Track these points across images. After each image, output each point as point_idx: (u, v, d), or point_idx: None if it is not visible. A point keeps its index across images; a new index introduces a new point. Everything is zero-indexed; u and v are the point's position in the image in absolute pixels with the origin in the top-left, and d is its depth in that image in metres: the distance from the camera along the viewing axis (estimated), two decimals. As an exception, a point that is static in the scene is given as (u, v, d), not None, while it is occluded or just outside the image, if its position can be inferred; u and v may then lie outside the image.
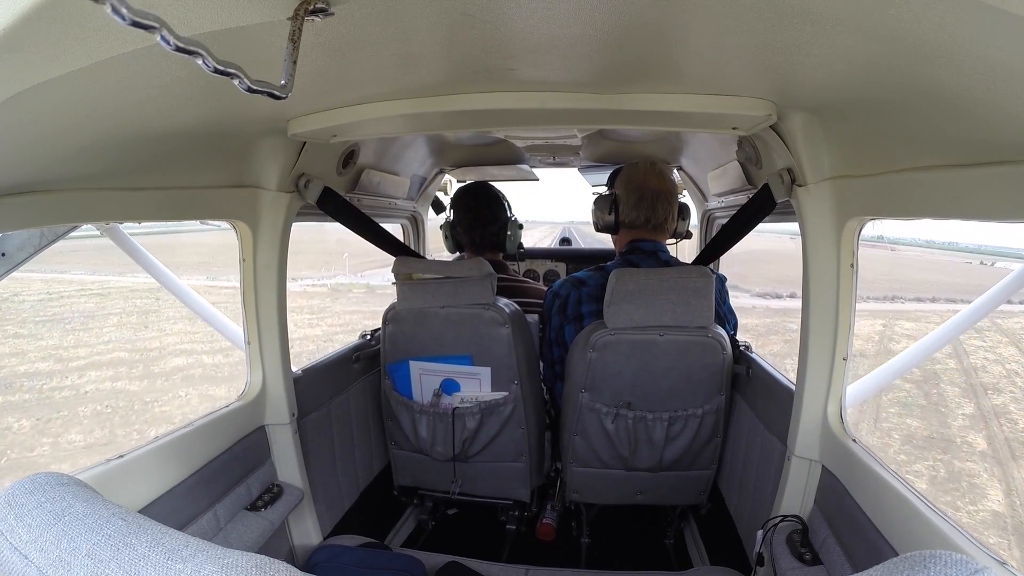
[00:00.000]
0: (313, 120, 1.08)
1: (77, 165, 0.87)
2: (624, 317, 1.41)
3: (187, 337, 14.26)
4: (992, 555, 0.75)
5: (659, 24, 0.62)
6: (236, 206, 1.29)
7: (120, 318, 16.99)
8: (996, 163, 0.68)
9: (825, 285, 1.13)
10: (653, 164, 1.66)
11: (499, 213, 1.96)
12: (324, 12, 0.50)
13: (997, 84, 0.53)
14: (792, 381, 1.32)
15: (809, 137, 1.05)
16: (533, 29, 0.65)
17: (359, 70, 0.81)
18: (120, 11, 0.35)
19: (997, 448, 9.17)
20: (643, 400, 1.51)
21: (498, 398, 1.64)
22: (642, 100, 0.95)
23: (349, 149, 1.59)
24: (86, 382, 11.26)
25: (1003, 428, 9.93)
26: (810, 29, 0.58)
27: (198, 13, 0.49)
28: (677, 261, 1.68)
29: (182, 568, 0.41)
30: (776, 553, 1.14)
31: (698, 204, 2.46)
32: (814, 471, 1.20)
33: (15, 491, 0.48)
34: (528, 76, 0.86)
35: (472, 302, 1.54)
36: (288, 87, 0.49)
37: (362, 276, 27.20)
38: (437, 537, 2.02)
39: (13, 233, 1.10)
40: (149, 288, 20.52)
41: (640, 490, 1.67)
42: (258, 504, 1.32)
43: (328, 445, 1.67)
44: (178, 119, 0.86)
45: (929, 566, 0.39)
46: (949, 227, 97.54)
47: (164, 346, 13.90)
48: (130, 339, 14.50)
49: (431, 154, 2.34)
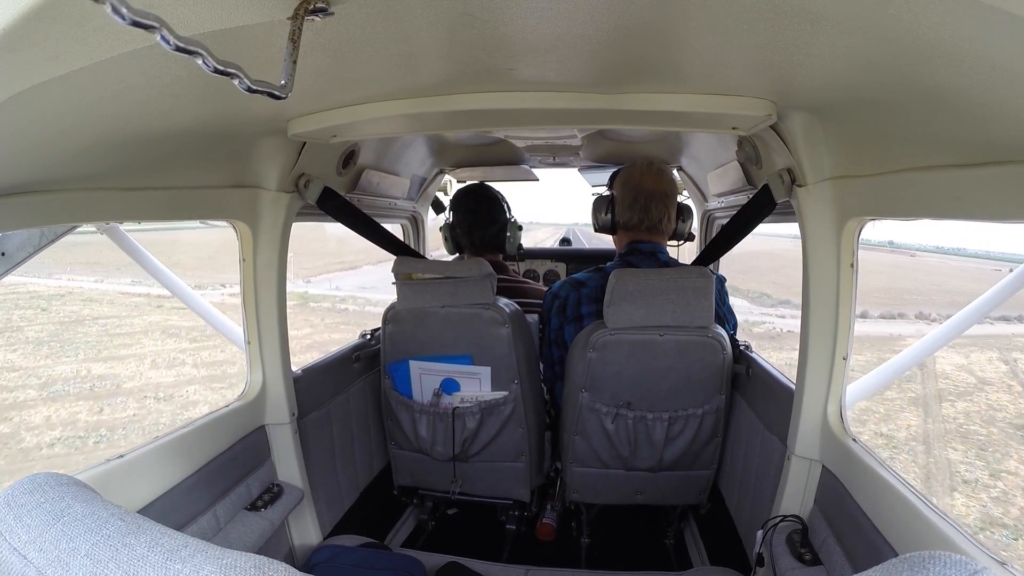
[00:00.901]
0: (313, 120, 1.08)
1: (77, 165, 0.87)
2: (624, 317, 1.41)
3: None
4: (992, 555, 0.75)
5: (659, 24, 0.62)
6: (236, 206, 1.29)
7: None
8: (996, 163, 0.68)
9: (825, 285, 1.13)
10: (650, 164, 1.66)
11: (498, 215, 1.96)
12: (324, 12, 0.50)
13: (997, 84, 0.53)
14: (792, 381, 1.33)
15: (809, 137, 1.05)
16: (533, 29, 0.65)
17: (359, 70, 0.81)
18: (120, 11, 0.35)
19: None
20: (643, 400, 1.51)
21: (498, 398, 1.64)
22: (642, 100, 0.95)
23: (349, 149, 1.59)
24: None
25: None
26: (810, 29, 0.58)
27: (198, 13, 0.49)
28: (676, 262, 1.68)
29: (181, 568, 0.41)
30: (776, 553, 1.14)
31: (698, 204, 2.45)
32: (814, 471, 1.20)
33: (14, 491, 0.48)
34: (528, 76, 0.86)
35: (472, 302, 1.54)
36: (288, 87, 0.49)
37: (309, 282, 24.33)
38: (437, 537, 2.02)
39: (13, 233, 1.10)
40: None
41: (640, 490, 1.67)
42: (258, 504, 1.32)
43: (328, 445, 1.67)
44: (178, 119, 0.86)
45: (929, 567, 0.39)
46: (949, 232, 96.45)
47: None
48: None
49: (431, 154, 2.35)
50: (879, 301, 23.24)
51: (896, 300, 24.40)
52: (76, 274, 25.34)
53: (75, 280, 24.26)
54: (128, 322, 17.10)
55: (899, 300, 24.59)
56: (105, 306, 19.43)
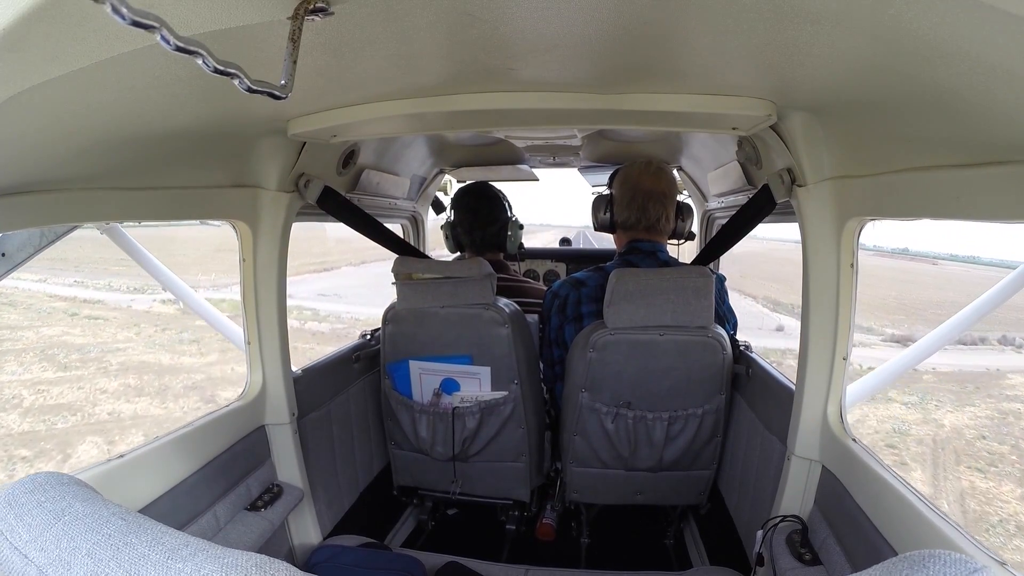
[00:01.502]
0: (313, 120, 1.08)
1: (77, 165, 0.87)
2: (624, 317, 1.41)
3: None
4: (991, 555, 0.75)
5: (659, 24, 0.62)
6: (236, 206, 1.29)
7: None
8: (996, 163, 0.68)
9: (825, 285, 1.13)
10: (648, 164, 1.65)
11: (499, 213, 1.96)
12: (324, 12, 0.51)
13: (997, 84, 0.53)
14: (792, 381, 1.33)
15: (809, 137, 1.05)
16: (533, 29, 0.65)
17: (359, 70, 0.81)
18: (120, 11, 0.35)
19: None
20: (643, 400, 1.51)
21: (498, 398, 1.64)
22: (642, 100, 0.95)
23: (349, 149, 1.59)
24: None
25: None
26: (810, 29, 0.58)
27: (198, 13, 0.49)
28: (676, 261, 1.68)
29: (182, 567, 0.41)
30: (776, 553, 1.14)
31: (698, 204, 2.46)
32: (814, 471, 1.20)
33: (15, 491, 0.48)
34: (528, 76, 0.86)
35: (472, 302, 1.54)
36: (288, 87, 0.49)
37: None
38: (437, 537, 2.02)
39: (13, 233, 1.11)
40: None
41: (640, 490, 1.67)
42: (258, 504, 1.32)
43: (328, 445, 1.67)
44: (178, 119, 0.86)
45: (928, 565, 0.39)
46: (955, 238, 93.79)
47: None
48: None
49: (431, 154, 2.35)
50: (937, 316, 19.03)
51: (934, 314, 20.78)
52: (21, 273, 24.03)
53: (16, 280, 21.01)
54: (20, 335, 14.34)
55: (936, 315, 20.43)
56: (18, 312, 16.71)
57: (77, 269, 23.75)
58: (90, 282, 22.03)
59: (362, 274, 24.38)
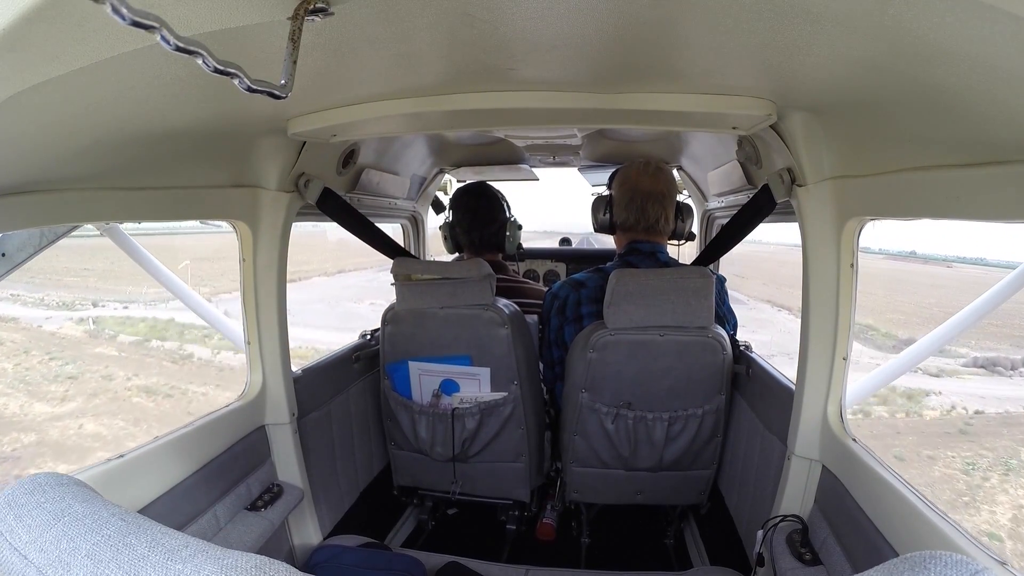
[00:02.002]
0: (313, 120, 1.08)
1: (77, 165, 0.87)
2: (624, 317, 1.41)
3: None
4: (993, 555, 0.75)
5: (659, 24, 0.62)
6: (236, 206, 1.29)
7: None
8: (996, 163, 0.68)
9: (825, 285, 1.13)
10: (647, 164, 1.65)
11: (498, 213, 1.96)
12: (324, 12, 0.51)
13: (997, 84, 0.53)
14: (792, 381, 1.33)
15: (809, 137, 1.05)
16: (533, 29, 0.65)
17: (359, 70, 0.81)
18: (120, 11, 0.35)
19: None
20: (643, 400, 1.51)
21: (497, 398, 1.64)
22: (642, 100, 0.95)
23: (349, 149, 1.59)
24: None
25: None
26: (810, 29, 0.58)
27: (198, 13, 0.49)
28: (676, 262, 1.68)
29: (182, 568, 0.41)
30: (776, 553, 1.14)
31: (698, 204, 2.45)
32: (814, 471, 1.20)
33: (15, 491, 0.48)
34: (528, 76, 0.86)
35: (471, 303, 1.54)
36: (288, 87, 0.49)
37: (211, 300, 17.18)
38: (437, 537, 2.02)
39: (13, 233, 1.11)
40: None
41: (640, 490, 1.67)
42: (258, 504, 1.32)
43: (328, 445, 1.67)
44: (178, 119, 0.86)
45: (929, 567, 0.39)
46: (954, 239, 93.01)
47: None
48: None
49: (431, 154, 2.35)
50: (997, 332, 16.35)
51: (1013, 328, 18.59)
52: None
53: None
54: None
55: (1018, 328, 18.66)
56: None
57: (31, 279, 21.80)
58: (26, 295, 20.03)
59: (332, 285, 22.29)
